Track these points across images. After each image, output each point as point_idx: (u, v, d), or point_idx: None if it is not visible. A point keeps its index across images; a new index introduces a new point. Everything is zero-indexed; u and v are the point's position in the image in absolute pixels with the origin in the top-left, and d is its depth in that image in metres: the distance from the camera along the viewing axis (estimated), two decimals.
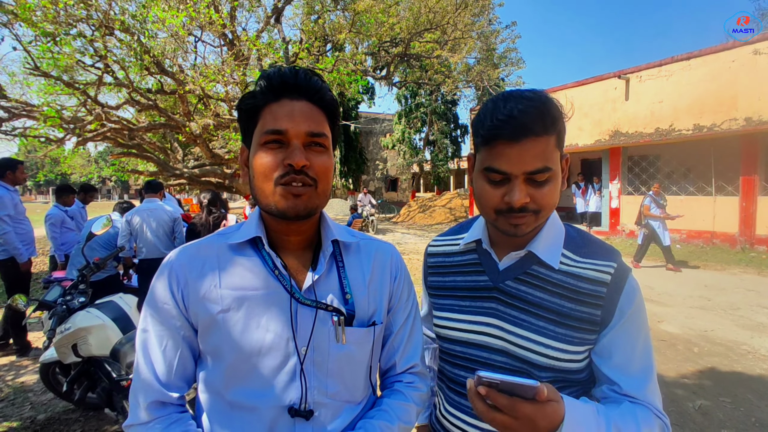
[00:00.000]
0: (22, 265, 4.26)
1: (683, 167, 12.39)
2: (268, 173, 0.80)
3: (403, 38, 13.52)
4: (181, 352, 0.85)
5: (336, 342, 0.86)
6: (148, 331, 0.85)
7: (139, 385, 0.84)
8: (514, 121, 0.81)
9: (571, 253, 0.93)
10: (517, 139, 0.81)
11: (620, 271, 0.89)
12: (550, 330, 0.89)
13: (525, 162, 0.82)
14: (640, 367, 0.87)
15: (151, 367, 0.83)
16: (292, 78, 0.82)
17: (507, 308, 0.94)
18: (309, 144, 0.82)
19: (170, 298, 0.84)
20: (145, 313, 0.86)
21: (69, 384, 2.75)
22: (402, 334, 1.00)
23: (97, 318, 2.60)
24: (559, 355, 0.88)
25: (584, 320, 0.87)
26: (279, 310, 0.84)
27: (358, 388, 0.92)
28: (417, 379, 1.01)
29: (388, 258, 1.00)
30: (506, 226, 0.88)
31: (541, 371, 0.89)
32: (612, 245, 0.95)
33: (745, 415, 3.09)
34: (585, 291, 0.88)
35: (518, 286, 0.93)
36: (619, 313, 0.87)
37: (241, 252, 0.89)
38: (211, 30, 8.79)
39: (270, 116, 0.81)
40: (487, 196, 0.88)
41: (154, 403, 0.82)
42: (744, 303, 6.01)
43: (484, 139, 0.86)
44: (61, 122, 8.25)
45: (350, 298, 0.90)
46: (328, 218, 0.96)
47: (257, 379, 0.82)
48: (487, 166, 0.86)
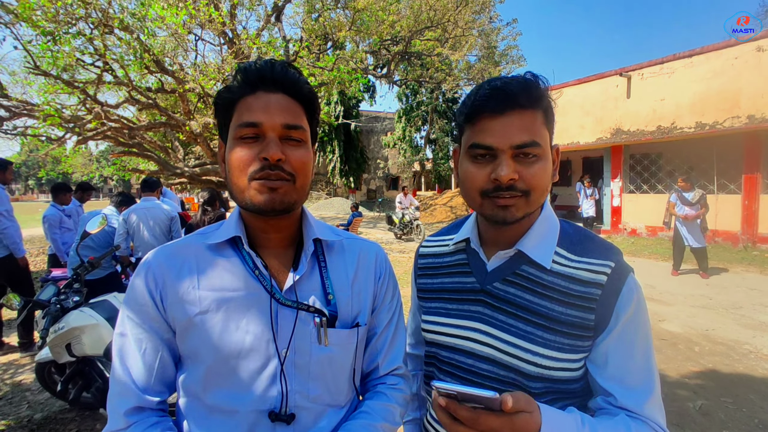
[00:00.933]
0: (20, 260, 4.32)
1: (685, 165, 12.31)
2: (242, 168, 0.78)
3: (403, 36, 13.47)
4: (161, 355, 0.83)
5: (318, 344, 0.84)
6: (125, 334, 0.82)
7: (116, 391, 0.81)
8: (498, 92, 0.78)
9: (566, 251, 0.86)
10: (501, 111, 0.78)
11: (618, 272, 0.81)
12: (538, 336, 0.82)
13: (511, 135, 0.78)
14: (639, 378, 0.80)
15: (128, 371, 0.81)
16: (268, 70, 0.80)
17: (494, 312, 0.88)
18: (285, 137, 0.80)
19: (149, 300, 0.82)
20: (123, 315, 0.83)
21: (63, 383, 2.74)
22: (385, 335, 0.97)
23: (90, 317, 2.58)
24: (549, 363, 0.81)
25: (576, 325, 0.81)
26: (259, 312, 0.82)
27: (341, 392, 0.89)
28: (401, 381, 0.98)
29: (372, 257, 0.98)
30: (493, 210, 0.81)
31: (531, 381, 0.82)
32: (612, 243, 0.89)
33: (748, 416, 3.05)
34: (576, 293, 0.81)
35: (506, 288, 0.87)
36: (615, 317, 0.80)
37: (221, 252, 0.86)
38: (211, 28, 8.77)
39: (245, 109, 0.79)
40: (471, 177, 0.82)
41: (133, 408, 0.79)
42: (746, 302, 5.96)
43: (468, 116, 0.83)
44: (61, 121, 8.25)
45: (332, 298, 0.87)
46: (311, 216, 0.94)
47: (236, 382, 0.80)
48: (471, 143, 0.82)
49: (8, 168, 4.45)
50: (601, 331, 0.81)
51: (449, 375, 0.93)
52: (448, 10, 13.55)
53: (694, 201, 7.19)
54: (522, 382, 0.83)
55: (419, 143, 27.58)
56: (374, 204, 28.09)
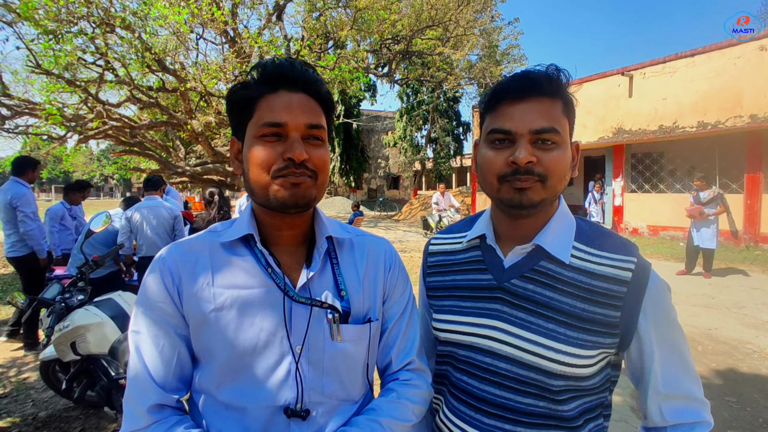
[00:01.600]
0: (42, 260, 4.49)
1: (687, 165, 12.31)
2: (265, 166, 0.78)
3: (405, 35, 13.46)
4: (179, 351, 0.82)
5: (331, 340, 0.84)
6: (141, 332, 0.81)
7: (135, 390, 0.79)
8: (520, 78, 0.80)
9: (584, 245, 0.86)
10: (522, 96, 0.79)
11: (641, 268, 0.81)
12: (561, 333, 0.81)
13: (530, 119, 0.78)
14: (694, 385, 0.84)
15: (147, 368, 0.79)
16: (289, 69, 0.80)
17: (513, 309, 0.86)
18: (307, 137, 0.80)
19: (166, 296, 0.81)
20: (138, 313, 0.83)
21: (68, 382, 2.74)
22: (397, 329, 0.96)
23: (95, 316, 2.59)
24: (573, 360, 0.80)
25: (599, 322, 0.80)
26: (273, 309, 0.82)
27: (355, 387, 0.89)
28: (414, 376, 0.95)
29: (381, 252, 0.98)
30: (511, 193, 0.81)
31: (553, 379, 0.82)
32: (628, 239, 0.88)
33: (752, 415, 3.05)
34: (599, 290, 0.81)
35: (525, 284, 0.86)
36: (644, 315, 0.81)
37: (233, 250, 0.86)
38: (212, 27, 8.78)
39: (267, 108, 0.79)
40: (490, 162, 0.83)
41: (154, 406, 0.78)
42: (749, 301, 5.96)
43: (489, 104, 0.84)
44: (62, 120, 8.27)
45: (345, 294, 0.87)
46: (322, 214, 0.94)
47: (251, 378, 0.80)
48: (491, 128, 0.83)
49: (37, 167, 4.66)
50: (632, 328, 0.82)
51: (466, 374, 0.92)
52: (449, 9, 13.54)
53: (706, 201, 6.93)
54: (543, 381, 0.82)
55: (420, 142, 27.56)
56: (375, 203, 28.11)
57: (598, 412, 0.88)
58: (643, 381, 0.86)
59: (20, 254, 4.41)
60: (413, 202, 23.46)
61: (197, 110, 10.48)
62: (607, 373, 0.88)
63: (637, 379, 0.88)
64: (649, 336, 0.82)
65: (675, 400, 0.83)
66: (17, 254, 4.40)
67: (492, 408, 0.86)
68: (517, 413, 0.84)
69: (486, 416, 0.87)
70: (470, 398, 0.90)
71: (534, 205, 0.82)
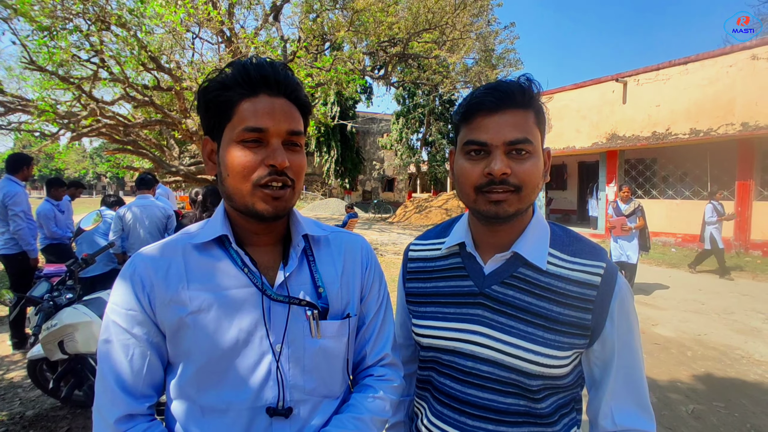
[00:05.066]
0: (32, 260, 4.45)
1: (679, 171, 12.44)
2: (246, 174, 0.77)
3: (401, 38, 13.50)
4: (150, 359, 0.81)
5: (311, 336, 0.84)
6: (111, 341, 0.80)
7: (105, 400, 0.78)
8: (494, 91, 0.82)
9: (558, 251, 0.90)
10: (496, 109, 0.82)
11: (609, 272, 0.86)
12: (539, 336, 0.85)
13: (505, 131, 0.81)
14: (642, 397, 0.88)
15: (117, 378, 0.78)
16: (271, 72, 0.79)
17: (494, 314, 0.89)
18: (287, 143, 0.80)
19: (136, 304, 0.80)
20: (108, 321, 0.81)
21: (55, 381, 2.72)
22: (374, 324, 0.98)
23: (84, 315, 2.57)
24: (550, 361, 0.85)
25: (573, 325, 0.85)
26: (251, 309, 0.82)
27: (336, 382, 0.90)
28: (389, 371, 0.98)
29: (358, 250, 0.99)
30: (486, 206, 0.84)
31: (532, 379, 0.86)
32: (598, 244, 0.93)
33: (740, 420, 3.08)
34: (573, 294, 0.86)
35: (505, 290, 0.89)
36: (610, 317, 0.85)
37: (208, 251, 0.85)
38: (209, 27, 8.74)
39: (248, 112, 0.78)
40: (466, 173, 0.86)
41: (123, 417, 0.77)
42: (738, 307, 6.02)
43: (464, 115, 0.87)
44: (55, 117, 8.19)
45: (323, 291, 0.88)
46: (298, 213, 0.94)
47: (231, 380, 0.80)
48: (467, 140, 0.85)
49: (31, 164, 4.60)
50: (599, 330, 0.86)
51: (450, 378, 0.94)
52: (446, 12, 13.61)
53: (627, 213, 6.45)
54: (522, 382, 0.86)
55: (415, 145, 27.64)
56: (370, 205, 28.11)
57: (571, 407, 0.94)
58: (600, 383, 0.90)
59: (11, 252, 4.37)
60: (408, 204, 23.48)
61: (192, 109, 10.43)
62: (579, 370, 0.93)
63: (592, 380, 0.93)
64: (612, 338, 0.86)
65: (628, 407, 0.87)
66: (8, 252, 4.36)
67: (475, 410, 0.90)
68: (499, 413, 0.88)
69: (470, 418, 0.90)
70: (454, 401, 0.93)
71: (509, 216, 0.85)
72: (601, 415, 0.89)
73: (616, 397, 0.88)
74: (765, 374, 3.84)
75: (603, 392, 0.89)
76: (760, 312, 5.76)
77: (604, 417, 0.89)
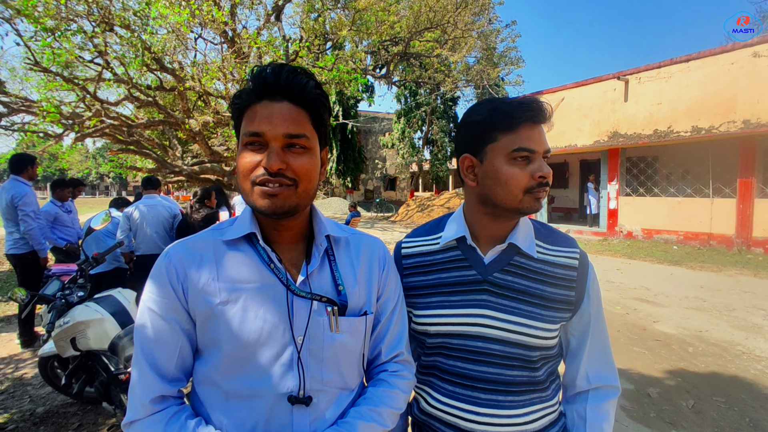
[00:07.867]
0: (42, 259, 4.49)
1: (681, 169, 12.44)
2: (246, 173, 0.84)
3: (403, 37, 13.52)
4: (182, 345, 0.87)
5: (330, 331, 0.90)
6: (146, 326, 0.86)
7: (139, 381, 0.84)
8: (535, 105, 0.96)
9: (541, 242, 1.08)
10: (537, 122, 0.97)
11: (583, 256, 1.07)
12: (537, 313, 1.01)
13: (544, 142, 0.98)
14: (609, 356, 1.09)
15: (151, 362, 0.84)
16: (272, 79, 0.83)
17: (498, 298, 1.03)
18: (289, 146, 0.84)
19: (171, 292, 0.86)
20: (144, 308, 0.87)
21: (67, 377, 2.77)
22: (388, 322, 1.03)
23: (96, 312, 2.62)
24: (546, 334, 1.01)
25: (561, 301, 1.03)
26: (276, 302, 0.87)
27: (351, 375, 0.95)
28: (402, 368, 1.03)
29: (376, 251, 1.04)
30: (531, 203, 0.98)
31: (533, 351, 1.02)
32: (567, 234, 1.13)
33: (739, 415, 3.11)
34: (560, 276, 1.04)
35: (505, 276, 1.04)
36: (587, 292, 1.06)
37: (237, 247, 0.91)
38: (212, 27, 8.77)
39: (250, 118, 0.84)
40: (517, 177, 0.97)
41: (157, 398, 0.83)
42: (739, 304, 6.04)
43: (508, 124, 0.97)
44: (60, 118, 8.23)
45: (342, 289, 0.93)
46: (321, 214, 0.99)
47: (255, 368, 0.85)
48: (516, 147, 0.96)
49: (35, 163, 4.63)
50: (579, 304, 1.06)
51: (460, 360, 1.05)
52: (447, 11, 13.62)
53: None
54: (526, 355, 1.02)
55: (417, 144, 27.62)
56: (372, 204, 28.13)
57: (556, 374, 1.12)
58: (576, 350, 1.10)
59: (21, 252, 4.42)
60: (410, 203, 23.50)
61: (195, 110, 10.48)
62: (560, 340, 1.12)
63: (568, 349, 1.12)
64: (588, 310, 1.07)
65: (600, 368, 1.08)
66: (18, 251, 4.41)
67: (487, 384, 1.02)
68: (507, 384, 1.02)
69: (483, 392, 1.02)
70: (466, 380, 1.04)
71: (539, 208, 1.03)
72: (579, 377, 1.08)
73: (591, 360, 1.07)
74: (765, 370, 3.87)
75: (580, 358, 1.08)
76: (761, 309, 5.78)
77: (581, 378, 1.08)
